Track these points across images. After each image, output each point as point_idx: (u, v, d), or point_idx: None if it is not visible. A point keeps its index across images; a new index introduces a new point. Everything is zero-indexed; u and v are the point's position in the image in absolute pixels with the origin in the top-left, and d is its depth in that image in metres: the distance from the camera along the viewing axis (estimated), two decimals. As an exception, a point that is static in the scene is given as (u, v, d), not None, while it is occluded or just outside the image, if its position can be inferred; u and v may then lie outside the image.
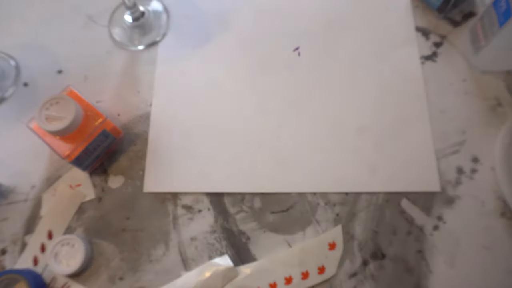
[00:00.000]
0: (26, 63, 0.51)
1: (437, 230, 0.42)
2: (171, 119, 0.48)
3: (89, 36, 0.52)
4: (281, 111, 0.48)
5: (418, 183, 0.44)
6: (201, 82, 0.50)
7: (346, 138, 0.46)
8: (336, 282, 0.41)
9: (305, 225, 0.43)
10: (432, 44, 0.50)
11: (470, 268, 0.41)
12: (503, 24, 0.41)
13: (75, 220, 0.44)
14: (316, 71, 0.49)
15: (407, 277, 0.41)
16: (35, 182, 0.46)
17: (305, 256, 0.42)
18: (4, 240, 0.44)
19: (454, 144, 0.45)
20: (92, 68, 0.51)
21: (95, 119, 0.42)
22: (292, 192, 0.44)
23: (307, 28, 0.52)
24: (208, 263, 0.42)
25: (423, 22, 0.51)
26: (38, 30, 0.53)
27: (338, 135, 0.46)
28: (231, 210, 0.44)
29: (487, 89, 0.48)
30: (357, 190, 0.44)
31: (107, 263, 0.42)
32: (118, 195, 0.45)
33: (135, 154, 0.46)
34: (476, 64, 0.48)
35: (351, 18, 0.52)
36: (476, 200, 0.43)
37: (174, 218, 0.44)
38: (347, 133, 0.46)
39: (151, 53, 0.51)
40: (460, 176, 0.44)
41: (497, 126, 0.46)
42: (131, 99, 0.49)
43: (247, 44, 0.51)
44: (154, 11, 0.53)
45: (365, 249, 0.42)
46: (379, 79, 0.49)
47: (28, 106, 0.49)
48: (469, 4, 0.51)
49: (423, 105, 0.47)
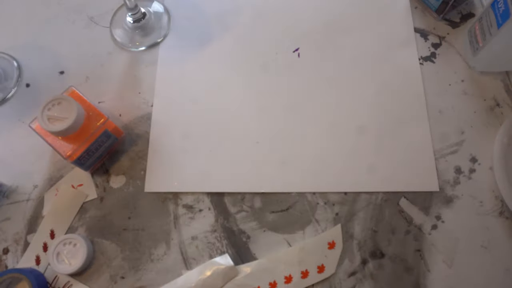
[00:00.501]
0: (28, 64, 0.51)
1: (436, 230, 0.43)
2: (172, 120, 0.48)
3: (91, 37, 0.53)
4: (281, 111, 0.48)
5: (417, 183, 0.44)
6: (202, 82, 0.50)
7: (345, 138, 0.46)
8: (335, 281, 0.41)
9: (304, 224, 0.43)
10: (431, 45, 0.50)
11: (469, 267, 0.41)
12: (501, 25, 0.42)
13: (77, 220, 0.44)
14: (315, 72, 0.50)
15: (406, 276, 0.41)
16: (37, 182, 0.46)
17: (305, 255, 0.42)
18: (7, 239, 0.44)
19: (453, 144, 0.46)
20: (94, 69, 0.51)
21: (97, 120, 0.42)
22: (292, 192, 0.45)
23: (307, 29, 0.52)
24: (208, 262, 0.42)
25: (422, 23, 0.52)
26: (40, 31, 0.53)
27: (337, 135, 0.47)
28: (232, 209, 0.44)
29: (486, 89, 0.48)
30: (356, 189, 0.44)
31: (108, 262, 0.43)
32: (120, 194, 0.45)
33: (136, 154, 0.47)
34: (474, 65, 0.48)
35: (351, 19, 0.52)
36: (474, 200, 0.43)
37: (175, 217, 0.44)
38: (346, 133, 0.47)
39: (152, 54, 0.52)
40: (458, 176, 0.44)
41: (495, 126, 0.46)
42: (133, 99, 0.49)
43: (248, 45, 0.52)
44: (155, 12, 0.54)
45: (364, 248, 0.42)
46: (378, 79, 0.49)
47: (30, 107, 0.49)
48: (468, 5, 0.52)
49: (422, 106, 0.47)
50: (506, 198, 0.42)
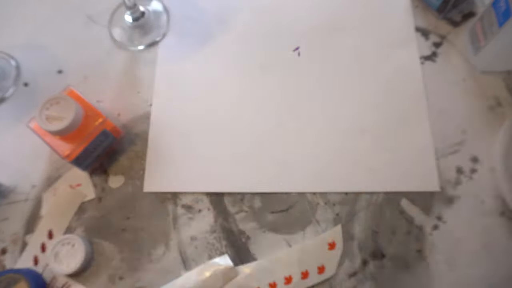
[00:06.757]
0: (27, 63, 0.51)
1: (437, 230, 0.42)
2: (171, 119, 0.48)
3: (89, 36, 0.52)
4: (281, 111, 0.48)
5: (417, 183, 0.44)
6: (201, 82, 0.50)
7: (346, 138, 0.46)
8: (335, 282, 0.41)
9: (305, 225, 0.43)
10: (432, 44, 0.50)
11: (470, 268, 0.41)
12: (502, 24, 0.42)
13: (75, 220, 0.44)
14: (316, 71, 0.50)
15: (407, 277, 0.41)
16: (35, 182, 0.46)
17: (305, 256, 0.42)
18: (5, 239, 0.44)
19: (454, 144, 0.45)
20: (92, 68, 0.51)
21: (95, 119, 0.42)
22: (292, 192, 0.44)
23: (307, 28, 0.52)
24: (208, 262, 0.42)
25: (423, 22, 0.51)
26: (39, 30, 0.53)
27: (338, 134, 0.46)
28: (231, 209, 0.44)
29: (487, 89, 0.48)
30: (356, 190, 0.44)
31: (107, 263, 0.42)
32: (118, 195, 0.45)
33: (135, 154, 0.47)
34: (475, 64, 0.48)
35: (351, 18, 0.52)
36: (476, 200, 0.43)
37: (174, 217, 0.44)
38: (346, 132, 0.46)
39: (151, 53, 0.51)
40: (459, 175, 0.44)
41: (496, 126, 0.46)
42: (131, 99, 0.49)
43: (247, 44, 0.51)
44: (154, 11, 0.54)
45: (365, 249, 0.42)
46: (379, 79, 0.49)
47: (29, 106, 0.49)
48: (469, 4, 0.52)
49: (423, 105, 0.47)
50: (507, 198, 0.42)
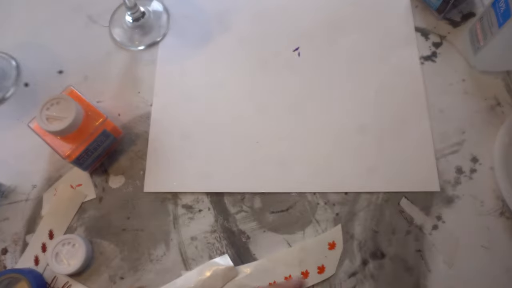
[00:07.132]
0: (27, 63, 0.51)
1: (436, 230, 0.42)
2: (171, 119, 0.48)
3: (90, 36, 0.53)
4: (281, 111, 0.48)
5: (417, 183, 0.44)
6: (201, 82, 0.50)
7: (346, 138, 0.46)
8: (335, 282, 0.41)
9: (305, 224, 0.43)
10: (432, 44, 0.50)
11: (469, 267, 0.41)
12: (502, 24, 0.42)
13: (76, 220, 0.44)
14: (316, 71, 0.50)
15: (407, 277, 0.41)
16: (36, 182, 0.46)
17: (305, 256, 0.42)
18: (5, 239, 0.44)
19: (454, 144, 0.46)
20: (93, 68, 0.51)
21: (96, 119, 0.42)
22: (292, 192, 0.44)
23: (307, 28, 0.52)
24: (208, 262, 0.42)
25: (422, 22, 0.51)
26: (39, 30, 0.53)
27: (338, 135, 0.46)
28: (231, 209, 0.44)
29: (486, 89, 0.48)
30: (356, 190, 0.44)
31: (107, 263, 0.43)
32: (119, 195, 0.45)
33: (135, 154, 0.47)
34: (475, 64, 0.48)
35: (351, 18, 0.52)
36: (475, 200, 0.43)
37: (175, 217, 0.44)
38: (346, 133, 0.46)
39: (152, 53, 0.51)
40: (459, 176, 0.44)
41: (496, 126, 0.46)
42: (132, 99, 0.49)
43: (247, 44, 0.51)
44: (154, 11, 0.54)
45: (365, 249, 0.42)
46: (379, 79, 0.49)
47: (29, 106, 0.49)
48: (469, 4, 0.52)
49: (423, 105, 0.47)
50: (507, 198, 0.42)
